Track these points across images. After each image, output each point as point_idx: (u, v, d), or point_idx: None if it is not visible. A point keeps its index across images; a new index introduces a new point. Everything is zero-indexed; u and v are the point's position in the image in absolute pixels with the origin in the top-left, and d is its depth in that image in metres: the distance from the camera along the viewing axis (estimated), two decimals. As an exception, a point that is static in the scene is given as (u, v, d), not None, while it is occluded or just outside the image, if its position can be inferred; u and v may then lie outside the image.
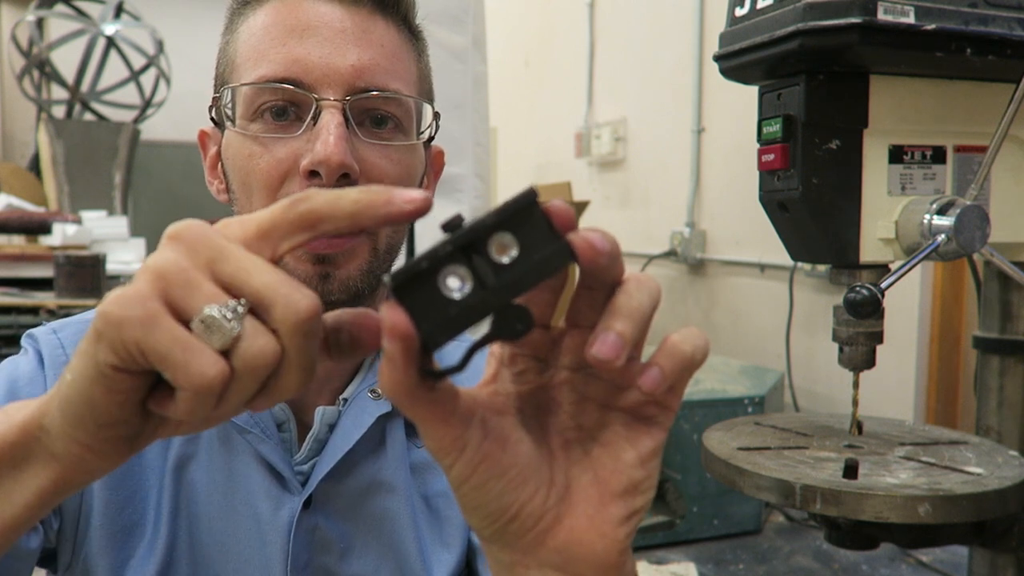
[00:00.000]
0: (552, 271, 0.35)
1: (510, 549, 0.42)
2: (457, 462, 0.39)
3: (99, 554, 0.68)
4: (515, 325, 0.35)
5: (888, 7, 0.82)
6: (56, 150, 3.06)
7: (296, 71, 0.64)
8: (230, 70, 0.69)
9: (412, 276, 0.34)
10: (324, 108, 0.64)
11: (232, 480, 0.70)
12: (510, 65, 4.03)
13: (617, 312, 0.38)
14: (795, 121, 0.89)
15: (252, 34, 0.68)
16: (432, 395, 0.37)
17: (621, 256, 0.38)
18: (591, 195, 3.27)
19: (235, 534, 0.70)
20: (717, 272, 2.67)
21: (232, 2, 0.72)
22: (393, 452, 0.75)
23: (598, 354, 0.36)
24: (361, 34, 0.67)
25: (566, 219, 0.36)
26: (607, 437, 0.42)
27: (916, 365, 1.98)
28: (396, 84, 0.68)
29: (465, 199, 1.93)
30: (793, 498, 0.82)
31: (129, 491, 0.69)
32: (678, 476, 1.58)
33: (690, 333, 0.41)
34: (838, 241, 0.91)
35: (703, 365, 1.47)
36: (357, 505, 0.73)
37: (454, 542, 0.76)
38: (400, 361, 0.35)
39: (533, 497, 0.41)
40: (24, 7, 3.59)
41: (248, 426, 0.69)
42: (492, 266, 0.35)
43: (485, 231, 0.34)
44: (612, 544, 0.41)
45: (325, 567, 0.72)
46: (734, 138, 2.55)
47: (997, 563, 1.02)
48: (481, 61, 2.04)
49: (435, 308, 0.34)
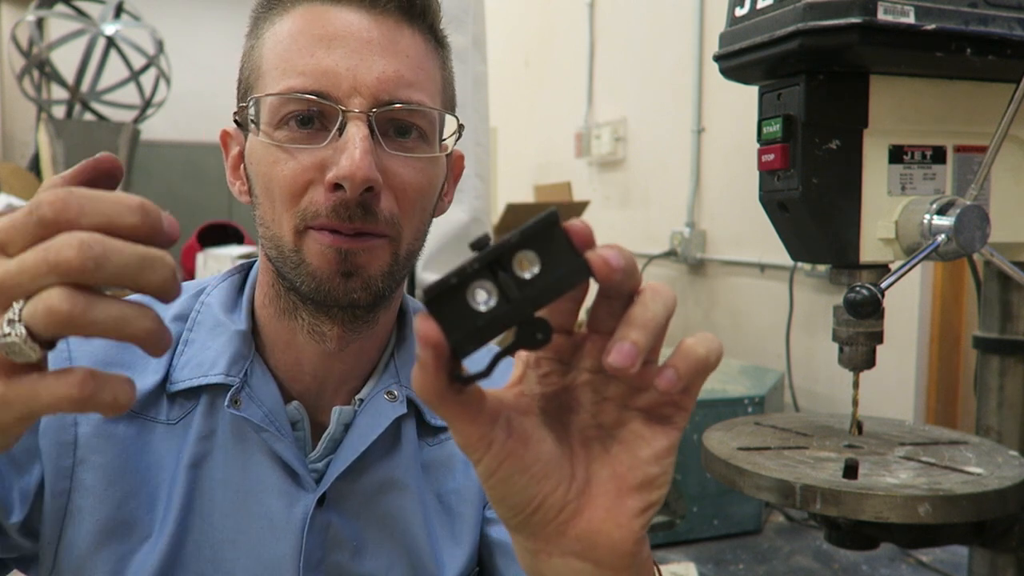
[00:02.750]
0: (571, 286, 0.39)
1: (534, 538, 0.45)
2: (484, 457, 0.42)
3: (94, 551, 0.68)
4: (536, 336, 0.39)
5: (888, 7, 0.82)
6: (56, 150, 3.06)
7: (323, 83, 0.65)
8: (256, 76, 0.69)
9: (443, 290, 0.38)
10: (350, 120, 0.65)
11: (247, 477, 0.71)
12: (510, 65, 4.03)
13: (632, 322, 0.41)
14: (795, 121, 0.89)
15: (279, 41, 0.68)
16: (460, 397, 0.41)
17: (638, 270, 0.41)
18: (591, 195, 3.27)
19: (248, 530, 0.71)
20: (717, 272, 2.67)
21: (257, 6, 0.71)
22: (406, 452, 0.76)
23: (614, 362, 0.40)
24: (388, 44, 0.67)
25: (585, 237, 0.39)
26: (625, 435, 0.45)
27: (916, 365, 1.98)
28: (420, 95, 0.68)
29: (465, 199, 1.93)
30: (793, 498, 0.82)
31: (129, 487, 0.69)
32: (678, 476, 1.58)
33: (704, 337, 0.44)
34: (838, 241, 0.91)
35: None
36: (370, 504, 0.74)
37: (465, 539, 0.77)
38: (432, 367, 0.39)
39: (555, 490, 0.44)
40: (24, 7, 3.58)
41: (264, 424, 0.71)
42: (516, 281, 0.38)
43: (510, 249, 0.38)
44: (629, 534, 0.44)
45: (338, 565, 0.73)
46: (734, 138, 2.55)
47: (997, 563, 1.02)
48: (481, 61, 2.04)
49: (464, 319, 0.38)
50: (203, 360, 0.72)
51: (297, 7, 0.68)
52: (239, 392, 0.71)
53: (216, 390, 0.72)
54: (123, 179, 0.48)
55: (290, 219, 0.66)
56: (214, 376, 0.71)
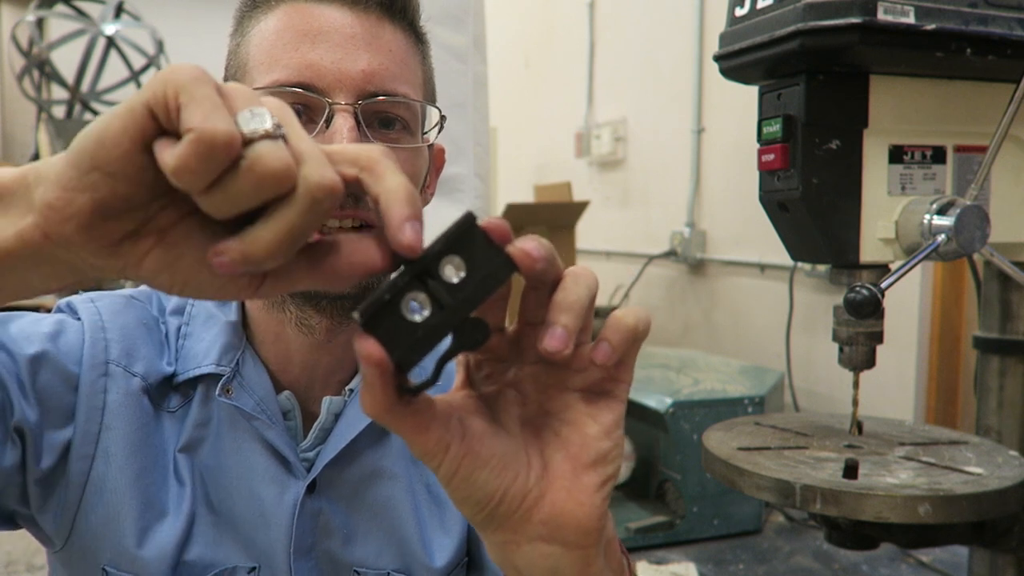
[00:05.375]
0: (499, 283, 0.40)
1: (501, 529, 0.47)
2: (444, 462, 0.44)
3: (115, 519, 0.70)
4: (475, 336, 0.41)
5: (888, 7, 0.82)
6: (56, 150, 3.06)
7: (309, 75, 0.66)
8: (242, 73, 0.71)
9: (378, 308, 0.38)
10: (337, 112, 0.66)
11: (239, 464, 0.74)
12: (510, 65, 4.03)
13: (559, 307, 0.43)
14: (795, 121, 0.89)
15: (264, 38, 0.69)
16: (410, 408, 0.42)
17: (557, 258, 0.43)
18: (591, 195, 3.26)
19: (241, 516, 0.73)
20: (717, 272, 2.67)
21: (241, 5, 0.73)
22: (396, 442, 0.79)
23: (548, 347, 0.42)
24: (371, 39, 0.69)
25: (503, 234, 0.40)
26: (572, 416, 0.47)
27: (916, 365, 1.98)
28: (404, 88, 0.70)
29: (465, 199, 1.93)
30: (793, 498, 0.82)
31: (146, 461, 0.72)
32: (678, 476, 1.58)
33: (632, 309, 0.46)
34: (838, 241, 0.91)
35: (703, 365, 1.48)
36: (360, 492, 0.77)
37: (454, 529, 0.79)
38: (378, 385, 0.39)
39: (515, 480, 0.46)
40: (24, 7, 3.59)
41: (255, 412, 0.73)
42: (446, 287, 0.39)
43: (435, 257, 0.39)
44: (591, 510, 0.46)
45: (328, 552, 0.75)
46: (734, 138, 2.55)
47: (997, 563, 1.02)
48: (481, 61, 2.04)
49: (402, 333, 0.38)
50: (198, 351, 0.75)
51: (281, 5, 0.69)
52: (230, 381, 0.73)
53: (210, 380, 0.74)
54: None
55: None
56: (207, 366, 0.74)
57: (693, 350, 2.47)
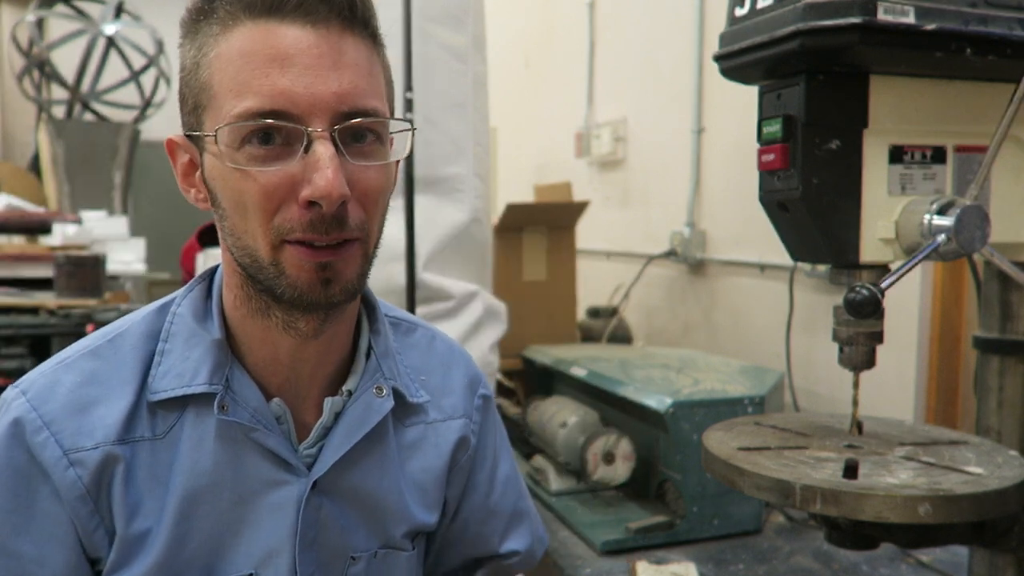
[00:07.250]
0: None
1: None
2: None
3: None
4: None
5: (888, 7, 0.82)
6: (56, 150, 3.06)
7: (283, 102, 0.67)
8: (208, 96, 0.70)
9: None
10: (315, 139, 0.68)
11: (242, 474, 0.77)
12: (510, 65, 4.03)
13: None
14: (795, 121, 0.89)
15: (230, 61, 0.69)
16: None
17: None
18: (591, 195, 3.26)
19: (248, 520, 0.77)
20: (717, 272, 2.67)
21: (192, 11, 0.72)
22: (388, 437, 0.86)
23: None
24: (337, 56, 0.70)
25: None
26: None
27: (916, 365, 1.98)
28: (374, 102, 0.72)
29: (465, 199, 1.93)
30: (793, 498, 0.82)
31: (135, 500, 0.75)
32: (678, 476, 1.58)
33: None
34: (838, 241, 0.91)
35: (703, 365, 1.48)
36: (356, 485, 0.83)
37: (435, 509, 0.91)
38: None
39: None
40: (24, 7, 3.59)
41: (253, 423, 0.76)
42: None
43: None
44: None
45: (328, 543, 0.81)
46: (734, 138, 2.55)
47: (997, 563, 1.02)
48: (481, 61, 2.03)
49: None
50: (184, 370, 0.76)
51: (239, 25, 0.69)
52: (224, 398, 0.75)
53: (201, 399, 0.76)
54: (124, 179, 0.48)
55: (265, 234, 0.70)
56: (198, 386, 0.75)
57: (693, 350, 2.47)
